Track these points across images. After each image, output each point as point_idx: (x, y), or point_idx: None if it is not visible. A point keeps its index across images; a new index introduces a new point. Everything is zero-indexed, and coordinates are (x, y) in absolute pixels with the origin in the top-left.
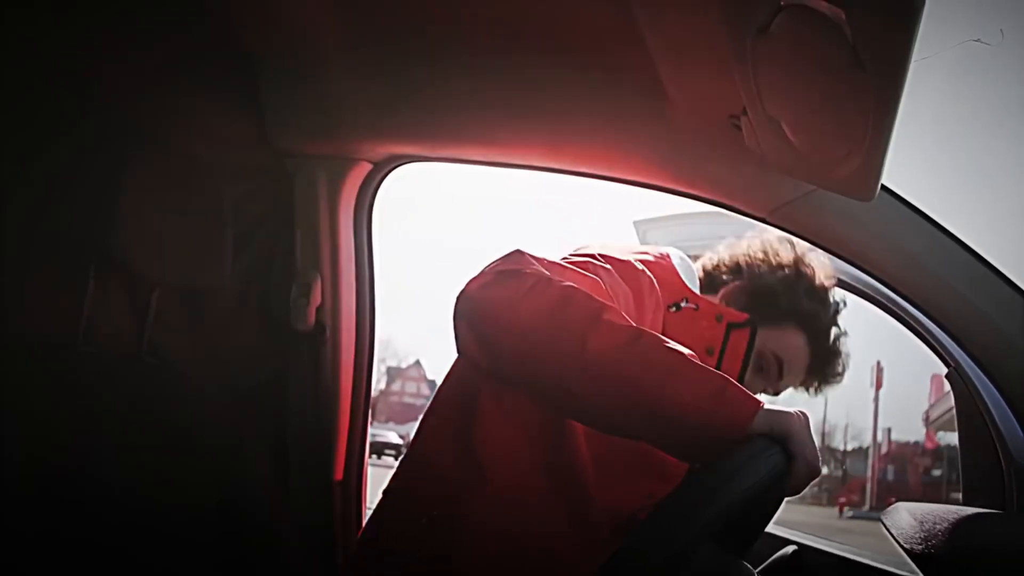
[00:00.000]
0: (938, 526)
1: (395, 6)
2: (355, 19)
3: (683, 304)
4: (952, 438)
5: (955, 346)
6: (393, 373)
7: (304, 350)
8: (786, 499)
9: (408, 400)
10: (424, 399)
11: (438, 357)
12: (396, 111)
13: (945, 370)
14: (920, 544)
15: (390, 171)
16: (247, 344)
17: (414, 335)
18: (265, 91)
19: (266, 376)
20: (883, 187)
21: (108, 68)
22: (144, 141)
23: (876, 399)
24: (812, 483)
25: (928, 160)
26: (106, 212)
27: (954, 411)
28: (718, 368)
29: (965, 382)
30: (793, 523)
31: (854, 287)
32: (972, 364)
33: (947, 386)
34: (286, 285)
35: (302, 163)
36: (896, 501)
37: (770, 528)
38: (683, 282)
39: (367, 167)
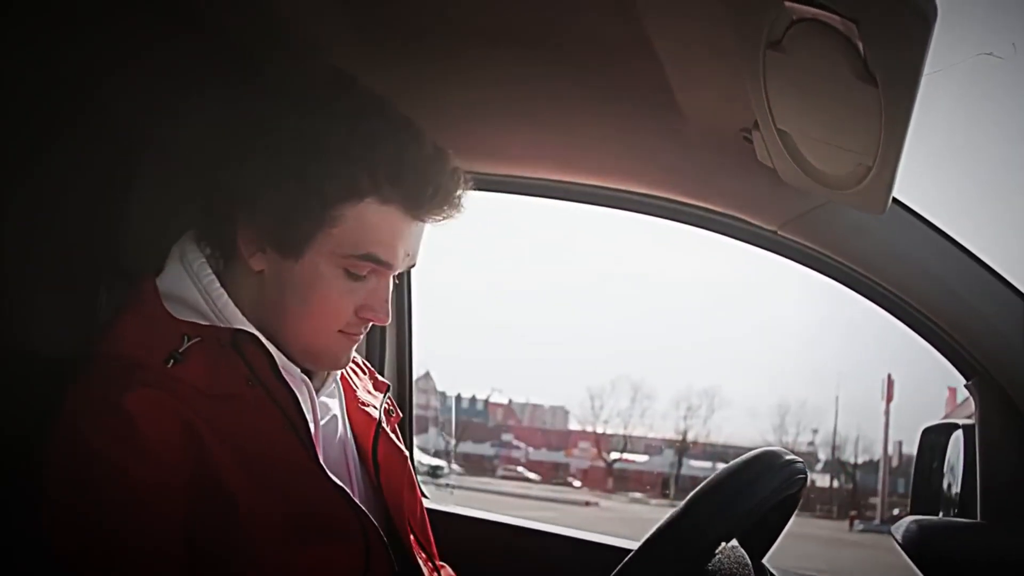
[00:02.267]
0: (950, 540)
1: (401, 15)
2: (359, 30)
3: (183, 348)
4: None
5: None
6: None
7: None
8: (796, 512)
9: (418, 412)
10: (434, 411)
11: (448, 365)
12: None
13: (962, 381)
14: (932, 558)
15: None
16: None
17: (423, 345)
18: (265, 94)
19: None
20: (895, 200)
21: (111, 74)
22: (148, 148)
23: (887, 412)
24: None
25: (941, 173)
26: (116, 221)
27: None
28: (272, 398)
29: (994, 391)
30: (804, 536)
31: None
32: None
33: (959, 398)
34: None
35: None
36: (907, 514)
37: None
38: (167, 313)
39: None
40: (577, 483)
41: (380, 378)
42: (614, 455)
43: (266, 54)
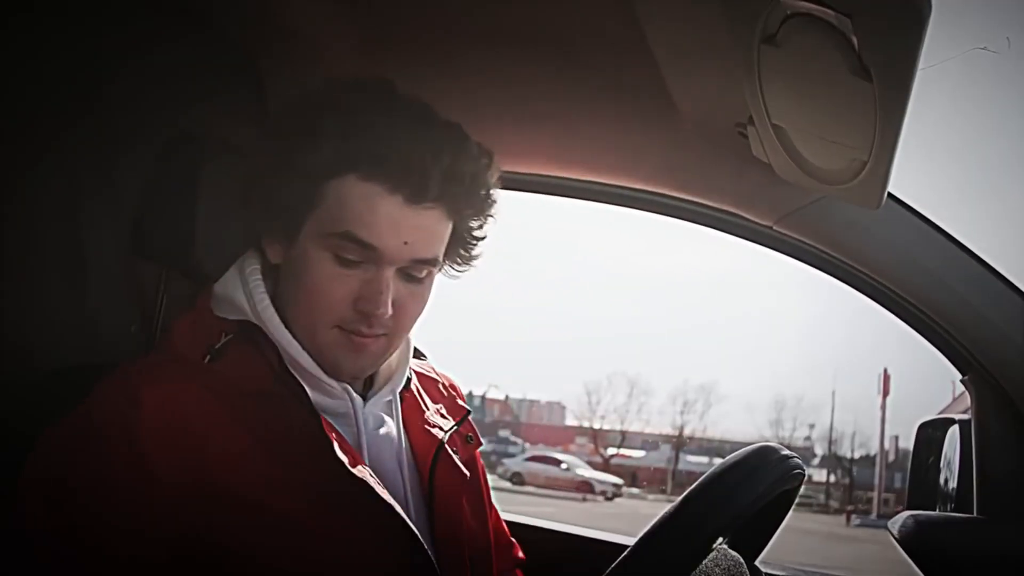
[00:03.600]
0: (947, 535)
1: (400, 13)
2: (360, 27)
3: (219, 344)
4: None
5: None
6: None
7: None
8: (793, 507)
9: None
10: None
11: (445, 362)
12: None
13: (958, 376)
14: (928, 553)
15: None
16: None
17: (419, 341)
18: (271, 99)
19: None
20: (890, 195)
21: (113, 77)
22: (148, 149)
23: (883, 406)
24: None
25: (936, 168)
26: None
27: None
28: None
29: (990, 386)
30: (801, 531)
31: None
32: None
33: (956, 393)
34: None
35: None
36: (903, 509)
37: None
38: (211, 312)
39: None
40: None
41: (463, 403)
42: (611, 451)
43: (268, 54)
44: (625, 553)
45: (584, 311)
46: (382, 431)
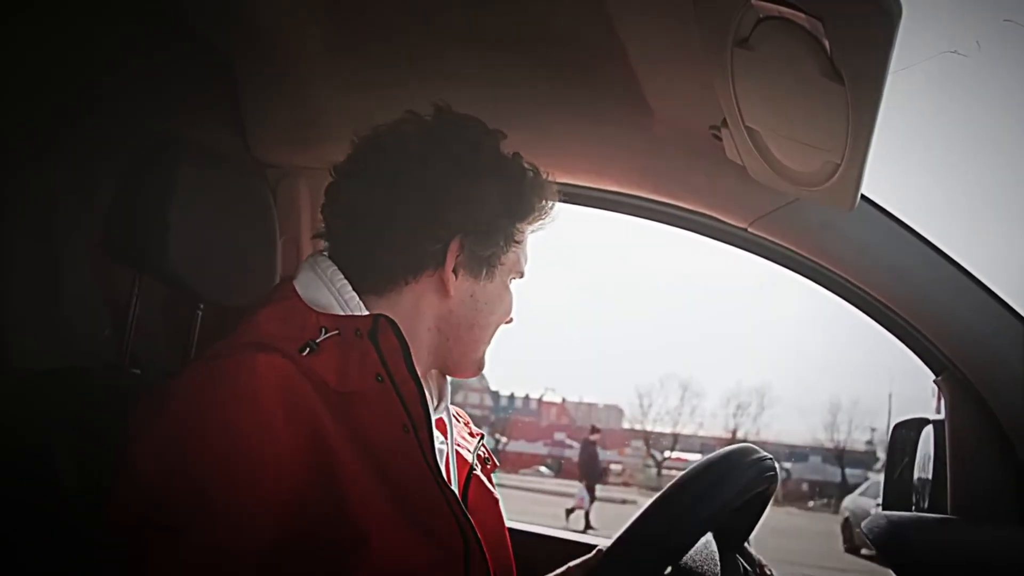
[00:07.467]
0: (920, 535)
1: (377, 16)
2: (337, 29)
3: (320, 339)
4: None
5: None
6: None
7: None
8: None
9: (471, 411)
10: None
11: (503, 365)
12: (378, 121)
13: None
14: (901, 553)
15: None
16: None
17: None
18: (245, 101)
19: None
20: (863, 197)
21: (88, 79)
22: (122, 151)
23: (938, 410)
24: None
25: (909, 169)
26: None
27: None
28: (398, 393)
29: (964, 388)
30: (796, 529)
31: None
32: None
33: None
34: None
35: (283, 174)
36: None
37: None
38: (307, 306)
39: None
40: None
41: (474, 427)
42: (666, 453)
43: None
44: (601, 557)
45: (637, 315)
46: (438, 444)
